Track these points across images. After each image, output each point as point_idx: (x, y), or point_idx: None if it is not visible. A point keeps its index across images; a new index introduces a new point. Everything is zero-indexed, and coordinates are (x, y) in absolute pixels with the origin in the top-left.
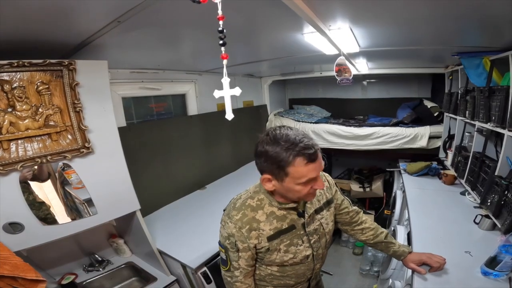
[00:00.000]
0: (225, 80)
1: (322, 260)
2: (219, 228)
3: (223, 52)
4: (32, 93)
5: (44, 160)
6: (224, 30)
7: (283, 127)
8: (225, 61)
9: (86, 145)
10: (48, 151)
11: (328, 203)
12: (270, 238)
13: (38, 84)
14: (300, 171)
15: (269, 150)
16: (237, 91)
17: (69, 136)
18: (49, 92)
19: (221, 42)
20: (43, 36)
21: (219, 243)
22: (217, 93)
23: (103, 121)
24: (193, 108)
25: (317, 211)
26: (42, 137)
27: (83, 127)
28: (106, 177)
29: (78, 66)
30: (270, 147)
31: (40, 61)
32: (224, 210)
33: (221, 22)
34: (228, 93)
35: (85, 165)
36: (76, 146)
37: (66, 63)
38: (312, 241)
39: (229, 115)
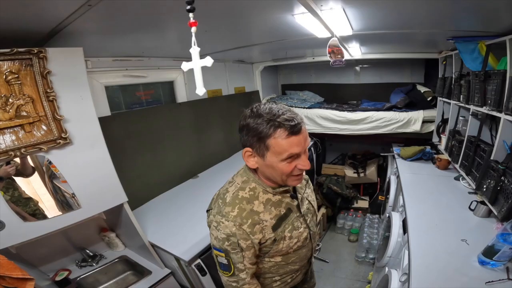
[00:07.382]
0: (194, 50)
1: (316, 237)
2: (210, 231)
3: (192, 19)
4: (1, 83)
5: (18, 153)
6: None
7: (268, 102)
8: (193, 29)
9: (63, 135)
10: (22, 144)
11: (307, 181)
12: (274, 228)
13: (7, 74)
14: (281, 144)
15: (251, 122)
16: (208, 61)
17: (44, 127)
18: (19, 82)
19: (188, 7)
20: (11, 24)
21: (215, 247)
22: (185, 66)
23: (81, 110)
24: (182, 95)
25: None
26: (14, 128)
27: (58, 117)
28: (87, 168)
29: (50, 54)
30: (252, 119)
31: (7, 50)
32: (208, 211)
33: None
34: (198, 64)
35: (64, 157)
36: (52, 137)
37: (36, 51)
38: (308, 221)
39: (200, 90)
